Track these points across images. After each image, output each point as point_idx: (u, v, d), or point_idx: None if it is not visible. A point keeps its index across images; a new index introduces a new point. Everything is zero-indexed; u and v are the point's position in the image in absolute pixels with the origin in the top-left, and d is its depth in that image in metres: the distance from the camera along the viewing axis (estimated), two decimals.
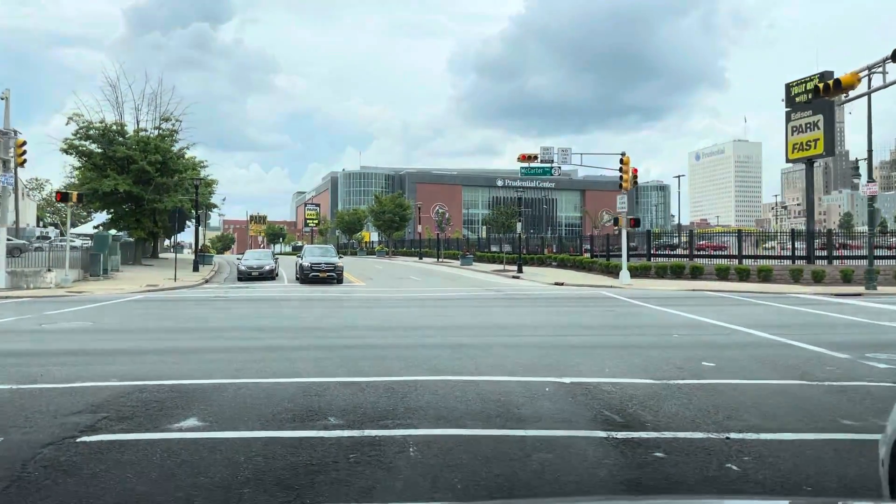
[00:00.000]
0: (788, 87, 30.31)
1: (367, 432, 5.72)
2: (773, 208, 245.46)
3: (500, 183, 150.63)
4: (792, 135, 30.48)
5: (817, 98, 18.00)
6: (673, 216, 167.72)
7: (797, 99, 29.70)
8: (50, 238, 59.19)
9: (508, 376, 8.39)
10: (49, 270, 27.08)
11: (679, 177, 78.42)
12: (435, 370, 8.86)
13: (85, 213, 46.14)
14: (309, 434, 5.66)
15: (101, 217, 47.33)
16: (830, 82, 17.36)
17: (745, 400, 7.22)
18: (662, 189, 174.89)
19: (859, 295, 24.07)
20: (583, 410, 6.66)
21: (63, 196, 27.54)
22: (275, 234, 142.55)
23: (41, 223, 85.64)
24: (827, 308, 18.53)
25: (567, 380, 8.18)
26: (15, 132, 39.38)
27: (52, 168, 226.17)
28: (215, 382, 7.98)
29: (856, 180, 29.46)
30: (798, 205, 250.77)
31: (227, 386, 7.79)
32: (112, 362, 9.61)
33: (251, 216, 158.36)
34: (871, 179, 25.95)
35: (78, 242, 50.29)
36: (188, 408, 6.64)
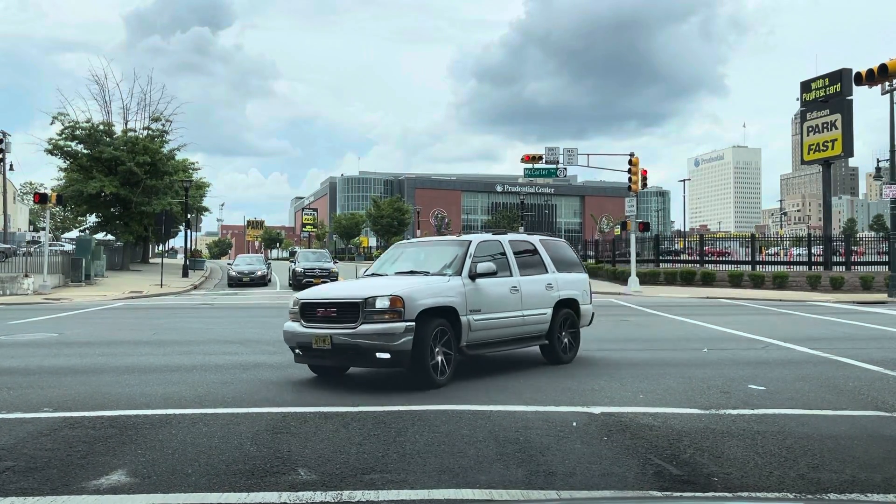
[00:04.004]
0: (804, 84, 29.02)
1: (347, 495, 4.28)
2: (772, 214, 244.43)
3: (499, 188, 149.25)
4: (807, 135, 29.12)
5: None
6: (673, 222, 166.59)
7: (815, 94, 28.33)
8: (41, 243, 57.88)
9: (525, 405, 6.96)
10: (26, 276, 25.61)
11: (684, 181, 77.03)
12: (436, 395, 7.43)
13: (73, 217, 44.61)
14: (267, 500, 4.22)
15: (93, 221, 45.87)
16: (875, 68, 15.94)
17: (821, 439, 5.79)
18: (662, 195, 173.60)
19: (883, 303, 22.67)
20: (625, 457, 5.22)
21: (41, 197, 26.09)
22: (272, 239, 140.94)
23: (32, 227, 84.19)
24: (858, 317, 17.12)
25: (596, 409, 6.76)
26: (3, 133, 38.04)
27: (50, 173, 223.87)
28: (168, 413, 6.54)
29: (877, 182, 28.09)
30: (798, 211, 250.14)
31: (182, 418, 6.35)
32: (56, 385, 8.16)
33: (248, 221, 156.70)
34: (893, 181, 24.57)
35: (68, 247, 48.96)
36: (121, 453, 5.19)
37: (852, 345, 12.08)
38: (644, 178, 28.74)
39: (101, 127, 39.82)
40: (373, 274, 9.69)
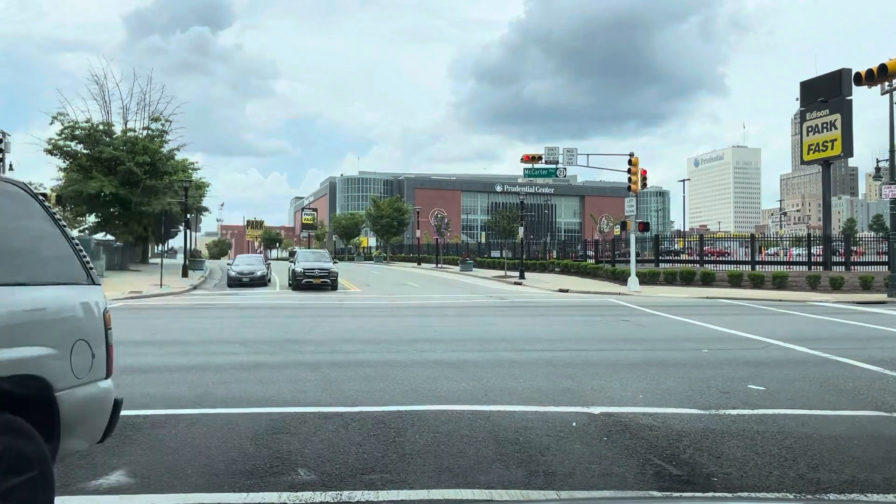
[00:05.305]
0: (804, 84, 29.03)
1: (347, 495, 4.28)
2: (772, 214, 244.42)
3: (499, 188, 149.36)
4: (807, 135, 29.14)
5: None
6: (673, 222, 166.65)
7: (815, 94, 28.35)
8: None
9: (524, 405, 6.96)
10: None
11: (684, 181, 77.05)
12: (435, 396, 7.43)
13: (72, 217, 44.57)
14: (267, 500, 4.22)
15: (93, 221, 45.89)
16: (875, 68, 15.95)
17: (820, 439, 5.80)
18: (662, 195, 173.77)
19: (883, 303, 22.69)
20: (625, 457, 5.22)
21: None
22: (271, 240, 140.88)
23: None
24: (858, 318, 17.13)
25: (596, 410, 6.76)
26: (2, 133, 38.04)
27: (50, 173, 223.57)
28: (167, 413, 6.54)
29: (877, 182, 28.14)
30: (798, 211, 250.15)
31: (181, 418, 6.35)
32: None
33: (248, 221, 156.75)
34: (893, 181, 24.57)
35: None
36: (120, 453, 5.19)
37: (852, 345, 12.08)
38: (644, 179, 28.74)
39: (101, 127, 39.82)
40: None
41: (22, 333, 3.22)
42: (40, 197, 3.83)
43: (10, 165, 49.88)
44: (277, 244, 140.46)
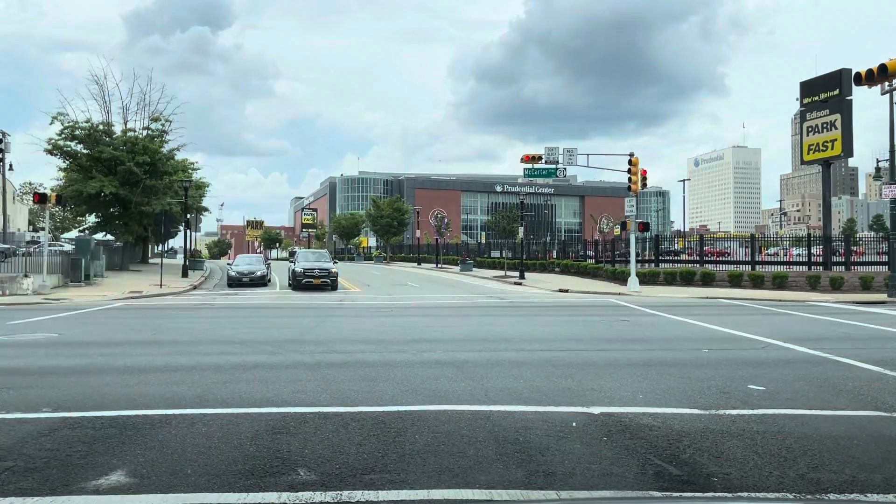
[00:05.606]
0: (804, 85, 29.05)
1: (347, 495, 4.28)
2: (772, 214, 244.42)
3: (499, 188, 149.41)
4: (807, 135, 29.15)
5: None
6: (673, 222, 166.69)
7: (815, 94, 28.36)
8: (41, 243, 57.85)
9: (524, 405, 6.96)
10: (26, 276, 25.57)
11: (684, 181, 77.05)
12: (435, 396, 7.43)
13: (72, 217, 44.60)
14: (266, 500, 4.22)
15: (93, 221, 45.90)
16: (875, 68, 15.95)
17: (821, 439, 5.80)
18: (662, 195, 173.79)
19: (883, 303, 22.69)
20: (625, 457, 5.22)
21: (41, 197, 26.07)
22: (271, 240, 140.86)
23: (31, 227, 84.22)
24: (858, 318, 17.13)
25: (596, 410, 6.76)
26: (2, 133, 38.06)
27: (50, 173, 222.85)
28: (167, 413, 6.54)
29: (877, 182, 28.14)
30: (798, 211, 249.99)
31: (181, 418, 6.34)
32: (55, 385, 8.16)
33: (248, 221, 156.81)
34: (893, 181, 24.56)
35: (68, 247, 49.03)
36: (120, 453, 5.19)
37: (852, 345, 12.08)
38: (644, 179, 28.73)
39: (101, 127, 39.83)
40: None
41: None
42: None
43: (10, 165, 49.97)
44: (277, 244, 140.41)
